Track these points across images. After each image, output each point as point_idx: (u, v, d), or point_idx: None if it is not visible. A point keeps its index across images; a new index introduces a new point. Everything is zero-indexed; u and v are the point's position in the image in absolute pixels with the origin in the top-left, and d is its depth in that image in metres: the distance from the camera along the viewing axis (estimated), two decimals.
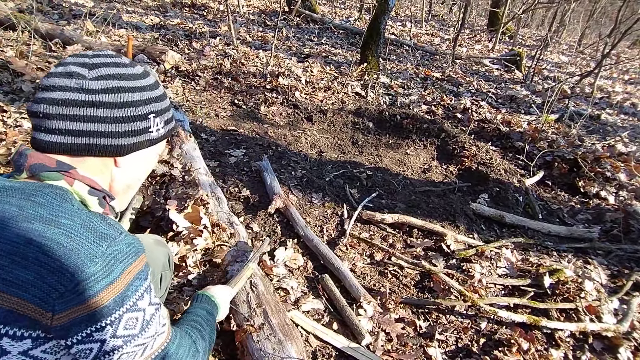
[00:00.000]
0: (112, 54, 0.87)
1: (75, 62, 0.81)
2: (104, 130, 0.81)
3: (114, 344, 0.72)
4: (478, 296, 2.05)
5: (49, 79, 0.79)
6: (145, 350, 0.78)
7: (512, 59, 7.45)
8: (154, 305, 0.79)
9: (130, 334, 0.74)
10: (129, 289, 0.72)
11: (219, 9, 7.95)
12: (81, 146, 0.80)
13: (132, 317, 0.73)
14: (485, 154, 3.63)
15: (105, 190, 0.86)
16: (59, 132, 0.78)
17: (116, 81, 0.82)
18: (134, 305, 0.73)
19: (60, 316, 0.66)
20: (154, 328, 0.79)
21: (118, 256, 0.71)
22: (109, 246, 0.71)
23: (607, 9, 14.67)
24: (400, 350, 1.77)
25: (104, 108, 0.80)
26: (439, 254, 2.40)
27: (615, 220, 2.97)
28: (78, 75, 0.79)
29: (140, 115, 0.86)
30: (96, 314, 0.68)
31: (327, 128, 3.94)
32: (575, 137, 4.33)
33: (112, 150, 0.84)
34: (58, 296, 0.65)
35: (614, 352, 1.90)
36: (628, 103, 6.69)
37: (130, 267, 0.73)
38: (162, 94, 0.94)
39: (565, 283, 2.19)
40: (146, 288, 0.77)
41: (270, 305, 1.65)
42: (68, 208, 0.73)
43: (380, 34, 5.38)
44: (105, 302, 0.68)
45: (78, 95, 0.78)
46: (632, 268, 2.53)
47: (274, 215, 2.49)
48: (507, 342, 1.82)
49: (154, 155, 0.97)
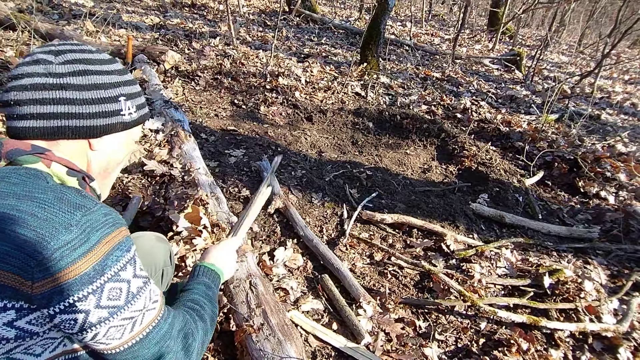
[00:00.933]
0: (78, 42, 0.89)
1: (41, 50, 0.83)
2: (75, 112, 0.82)
3: (99, 315, 0.71)
4: (478, 296, 2.05)
5: (17, 68, 0.81)
6: (135, 325, 0.77)
7: (512, 59, 7.46)
8: (141, 279, 0.79)
9: (116, 305, 0.73)
10: (109, 258, 0.72)
11: (219, 8, 7.95)
12: (54, 129, 0.81)
13: (115, 287, 0.73)
14: (485, 154, 3.63)
15: (83, 171, 0.87)
16: (31, 116, 0.79)
17: (83, 65, 0.84)
18: (116, 275, 0.73)
19: (40, 284, 0.66)
20: (142, 302, 0.78)
21: (94, 225, 0.71)
22: (83, 215, 0.71)
23: (607, 9, 14.67)
24: (400, 351, 1.77)
25: (73, 90, 0.82)
26: (438, 254, 2.40)
27: (615, 221, 2.97)
28: (45, 61, 0.81)
29: (110, 97, 0.87)
30: (76, 282, 0.68)
31: (327, 128, 3.94)
32: (575, 137, 4.33)
33: (85, 132, 0.85)
34: (36, 264, 0.65)
35: (613, 353, 1.90)
36: (628, 103, 6.69)
37: (109, 237, 0.73)
38: (132, 79, 0.95)
39: (565, 283, 2.19)
40: (129, 260, 0.76)
41: (269, 305, 1.65)
42: (42, 184, 0.74)
43: (380, 34, 5.37)
44: (84, 270, 0.68)
45: (46, 79, 0.80)
46: (632, 268, 2.53)
47: (273, 215, 2.49)
48: (507, 342, 1.82)
49: (130, 140, 0.98)
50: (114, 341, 0.75)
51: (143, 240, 1.33)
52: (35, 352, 0.74)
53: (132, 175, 2.49)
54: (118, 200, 2.28)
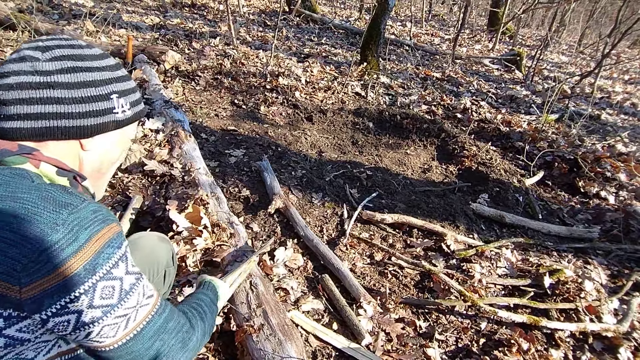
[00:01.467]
0: (67, 37, 0.84)
1: (28, 47, 0.79)
2: (64, 112, 0.78)
3: (92, 314, 0.70)
4: (478, 296, 2.05)
5: (3, 66, 0.77)
6: (129, 322, 0.76)
7: (512, 59, 7.46)
8: (133, 275, 0.77)
9: (109, 304, 0.72)
10: (100, 256, 0.70)
11: (219, 9, 7.95)
12: (42, 130, 0.78)
13: (108, 286, 0.71)
14: (485, 154, 3.63)
15: (74, 170, 0.83)
16: (18, 117, 0.75)
17: (71, 61, 0.80)
18: (108, 273, 0.71)
19: (28, 289, 0.64)
20: (135, 299, 0.77)
21: (82, 223, 0.69)
22: (70, 213, 0.68)
23: (607, 9, 14.67)
24: (400, 351, 1.77)
25: (61, 89, 0.78)
26: (438, 254, 2.40)
27: (615, 220, 2.97)
28: (31, 58, 0.77)
29: (101, 95, 0.83)
30: (67, 283, 0.66)
31: (327, 128, 3.94)
32: (575, 137, 4.34)
33: (75, 132, 0.81)
34: (22, 268, 0.63)
35: (614, 352, 1.90)
36: (628, 103, 6.70)
37: (99, 234, 0.70)
38: (125, 75, 0.91)
39: (565, 283, 2.19)
40: (120, 256, 0.74)
41: (270, 305, 1.65)
42: (26, 184, 0.71)
43: (380, 33, 5.37)
44: (74, 270, 0.66)
45: (32, 78, 0.76)
46: (632, 268, 2.54)
47: (274, 215, 2.49)
48: (507, 342, 1.82)
49: (125, 139, 0.94)
50: (108, 339, 0.74)
51: (145, 241, 1.33)
52: (28, 356, 0.72)
53: (132, 175, 2.49)
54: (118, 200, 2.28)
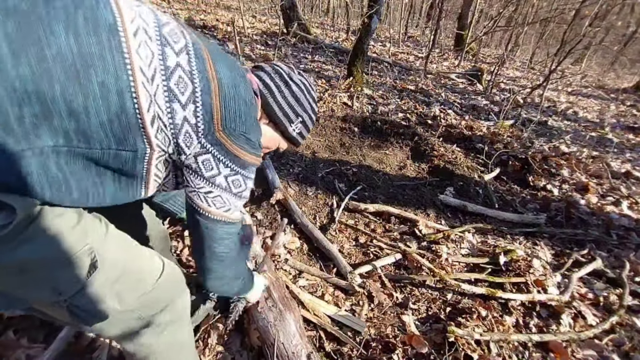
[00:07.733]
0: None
1: None
2: None
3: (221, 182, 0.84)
4: (445, 272, 2.08)
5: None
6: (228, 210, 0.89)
7: (474, 74, 7.48)
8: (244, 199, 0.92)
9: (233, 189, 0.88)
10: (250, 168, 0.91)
11: (227, 29, 7.86)
12: None
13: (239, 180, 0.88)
14: (451, 154, 3.66)
15: None
16: None
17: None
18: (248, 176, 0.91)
19: None
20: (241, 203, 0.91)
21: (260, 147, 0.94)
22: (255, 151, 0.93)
23: (555, 31, 14.76)
24: (381, 317, 1.80)
25: None
26: (412, 237, 2.42)
27: (559, 209, 3.02)
28: None
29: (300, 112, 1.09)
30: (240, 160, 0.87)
31: (319, 132, 3.94)
32: (527, 139, 4.38)
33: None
34: None
35: (557, 318, 1.94)
36: (570, 111, 6.78)
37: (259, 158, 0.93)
38: None
39: (517, 261, 2.22)
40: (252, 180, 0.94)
41: (272, 281, 1.66)
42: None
43: (364, 52, 5.35)
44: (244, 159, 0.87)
45: None
46: (572, 248, 2.58)
47: (275, 205, 2.49)
48: (469, 310, 1.85)
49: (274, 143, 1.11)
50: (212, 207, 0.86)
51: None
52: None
53: None
54: None
